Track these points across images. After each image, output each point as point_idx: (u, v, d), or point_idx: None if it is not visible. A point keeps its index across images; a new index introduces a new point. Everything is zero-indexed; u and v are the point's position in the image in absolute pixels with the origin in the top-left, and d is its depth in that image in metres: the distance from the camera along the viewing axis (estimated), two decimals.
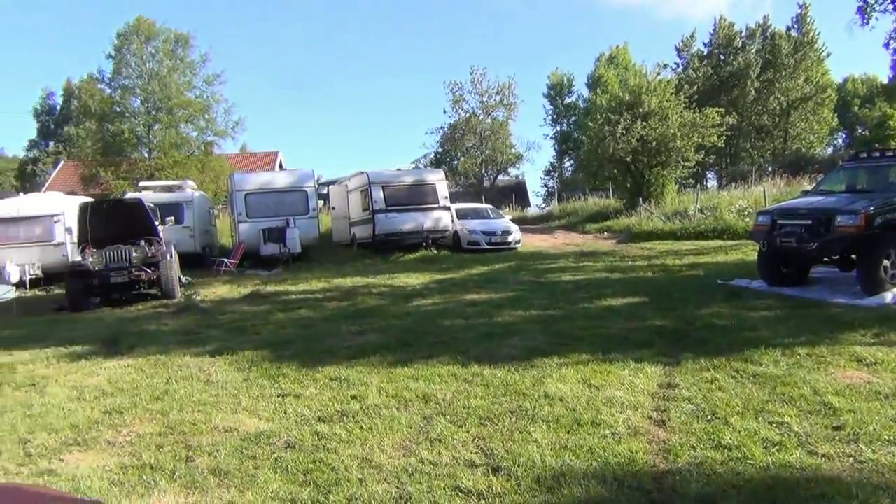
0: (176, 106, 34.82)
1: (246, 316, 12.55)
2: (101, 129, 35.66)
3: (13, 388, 8.62)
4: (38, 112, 74.95)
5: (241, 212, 21.20)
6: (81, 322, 13.08)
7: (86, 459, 5.95)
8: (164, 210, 19.45)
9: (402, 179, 22.78)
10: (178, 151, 35.22)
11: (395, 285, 15.41)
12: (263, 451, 5.77)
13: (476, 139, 49.50)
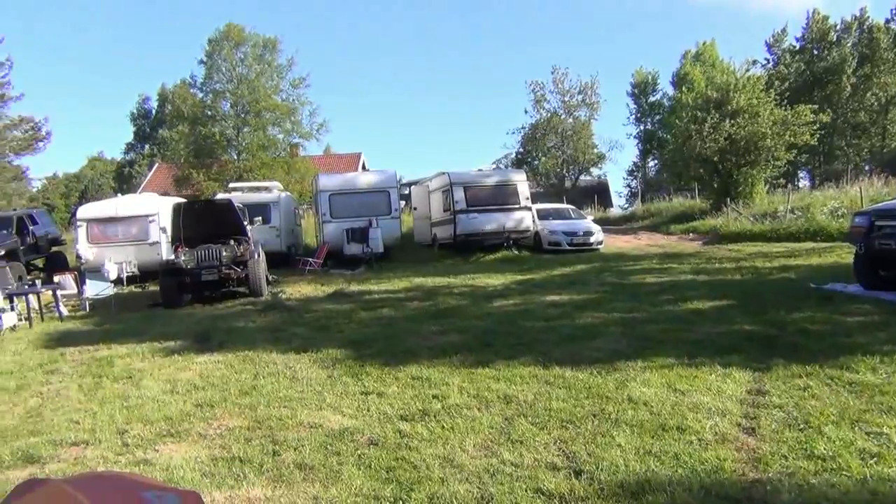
0: (264, 109, 35.79)
1: (330, 314, 12.79)
2: (193, 133, 37.00)
3: (111, 381, 9.03)
4: (134, 116, 78.25)
5: (325, 212, 21.62)
6: (174, 318, 13.59)
7: (179, 451, 6.18)
8: (253, 210, 20.03)
9: (484, 180, 22.80)
10: (265, 153, 36.19)
11: (476, 286, 15.44)
12: (347, 447, 5.87)
13: (558, 139, 49.08)
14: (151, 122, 74.72)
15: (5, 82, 37.57)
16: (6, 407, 8.35)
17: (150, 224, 19.11)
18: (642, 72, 62.96)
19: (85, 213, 19.95)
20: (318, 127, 37.77)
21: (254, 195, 23.05)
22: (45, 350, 11.47)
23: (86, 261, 18.51)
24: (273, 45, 36.60)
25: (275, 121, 36.74)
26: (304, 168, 36.75)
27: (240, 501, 4.97)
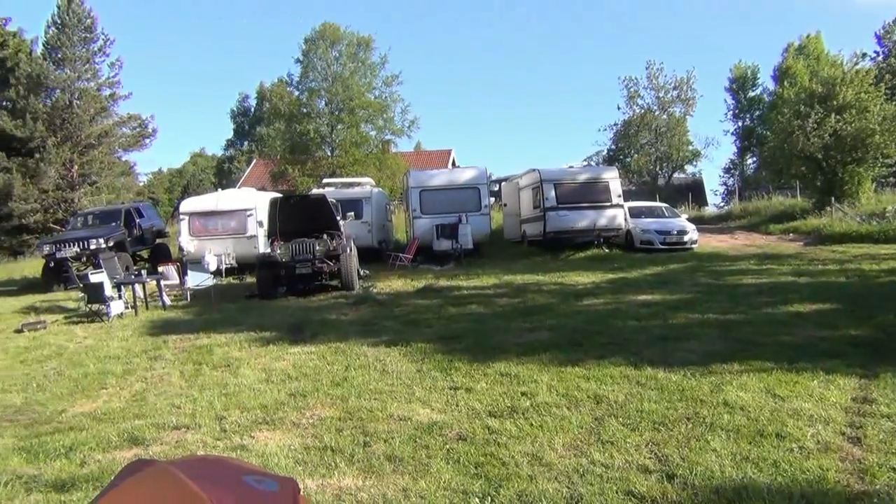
0: (357, 106, 36.39)
1: (419, 309, 12.90)
2: (289, 130, 37.96)
3: (210, 368, 9.38)
4: (234, 114, 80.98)
5: (416, 208, 21.82)
6: (269, 309, 13.99)
7: (274, 438, 6.36)
8: (345, 206, 20.41)
9: (575, 177, 22.53)
10: (358, 150, 36.79)
11: (566, 283, 15.28)
12: (436, 441, 5.92)
13: (651, 136, 47.98)
14: (250, 119, 77.09)
15: (116, 82, 39.53)
16: (114, 390, 8.79)
17: (247, 218, 19.73)
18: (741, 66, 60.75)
19: (187, 207, 20.78)
20: (409, 124, 38.16)
21: (347, 191, 23.48)
22: (150, 337, 12.00)
23: (187, 252, 19.28)
24: (367, 44, 37.15)
25: (367, 118, 37.29)
26: (396, 164, 37.19)
27: (331, 490, 5.08)
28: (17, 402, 8.63)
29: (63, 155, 36.53)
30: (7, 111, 36.57)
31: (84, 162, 38.15)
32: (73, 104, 37.14)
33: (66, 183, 37.32)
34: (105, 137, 38.99)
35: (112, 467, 5.85)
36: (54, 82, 37.00)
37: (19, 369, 10.61)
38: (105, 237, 19.53)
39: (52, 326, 13.87)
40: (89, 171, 38.75)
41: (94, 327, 13.48)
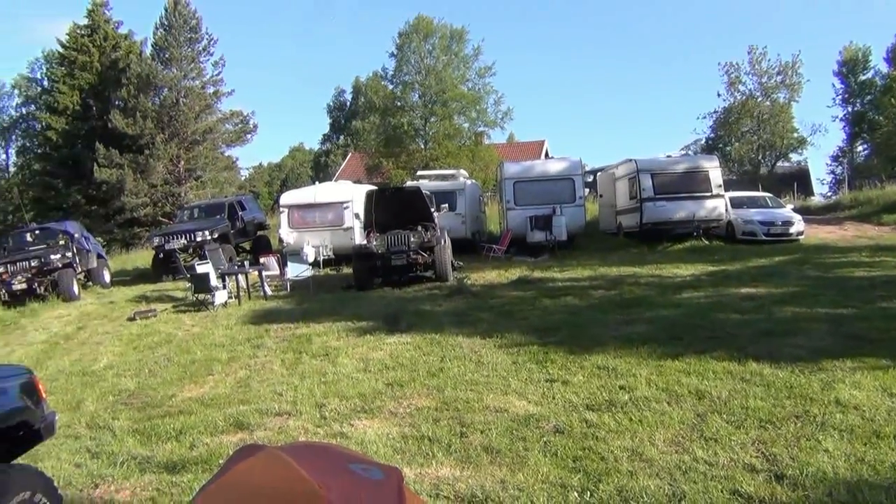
0: (450, 99, 36.55)
1: (513, 301, 12.86)
2: (384, 123, 38.49)
3: (310, 357, 9.62)
4: (331, 109, 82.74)
5: (509, 199, 21.72)
6: (366, 300, 14.23)
7: (372, 426, 6.47)
8: (439, 198, 20.51)
9: (673, 166, 21.93)
10: (451, 142, 36.97)
11: (664, 275, 14.92)
12: (533, 433, 5.88)
13: (753, 123, 46.24)
14: (346, 113, 78.58)
15: (219, 80, 40.99)
16: (219, 377, 9.13)
17: (344, 210, 20.10)
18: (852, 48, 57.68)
19: (287, 200, 21.36)
20: (502, 115, 38.08)
21: (440, 183, 23.60)
22: (252, 326, 12.41)
23: (287, 244, 19.82)
24: (460, 36, 37.24)
25: (461, 110, 37.41)
26: (489, 156, 37.15)
27: (429, 479, 5.12)
28: (131, 387, 9.09)
29: (170, 151, 38.18)
30: (119, 110, 38.46)
31: (190, 157, 39.76)
32: (180, 102, 38.73)
33: (173, 178, 39.00)
34: (209, 134, 40.52)
35: (219, 451, 6.08)
36: (162, 81, 38.67)
37: (132, 355, 11.17)
38: (210, 229, 20.30)
39: (161, 315, 14.54)
40: (194, 166, 40.35)
41: (200, 316, 14.05)
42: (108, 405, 8.32)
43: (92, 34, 43.57)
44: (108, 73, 41.90)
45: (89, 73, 42.59)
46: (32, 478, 4.00)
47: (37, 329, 14.66)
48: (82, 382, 9.64)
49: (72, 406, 8.31)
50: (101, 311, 16.05)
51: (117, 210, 38.25)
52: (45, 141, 44.80)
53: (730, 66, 46.27)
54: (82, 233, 21.23)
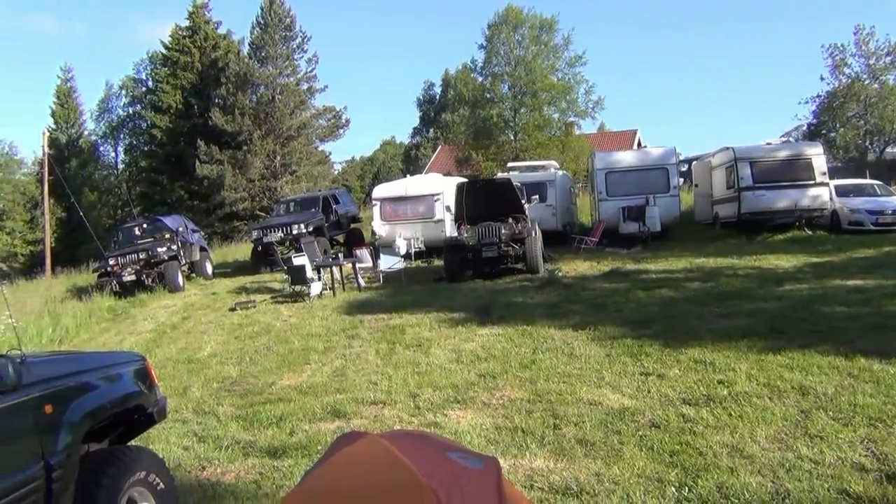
0: (540, 89, 36.21)
1: (606, 293, 12.68)
2: (473, 115, 38.49)
3: (403, 348, 9.77)
4: (420, 102, 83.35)
5: (601, 190, 21.40)
6: (457, 292, 14.31)
7: (465, 417, 6.53)
8: (530, 189, 20.40)
9: (773, 154, 21.09)
10: (540, 133, 36.66)
11: (763, 267, 14.40)
12: (628, 427, 5.81)
13: (859, 107, 43.91)
14: (436, 106, 79.00)
15: (313, 76, 41.91)
16: (316, 366, 9.39)
17: (435, 203, 20.24)
18: None
19: (379, 193, 21.67)
20: (593, 105, 37.48)
21: (531, 174, 23.46)
22: (347, 316, 12.68)
23: (379, 237, 20.12)
24: (550, 26, 36.82)
25: (550, 100, 37.01)
26: (579, 146, 36.64)
27: (523, 470, 5.14)
28: (234, 375, 9.46)
29: (267, 147, 39.32)
30: (219, 108, 39.90)
31: (285, 153, 40.86)
32: (276, 99, 39.83)
33: (269, 172, 40.17)
34: (303, 129, 41.52)
35: (318, 438, 6.26)
36: (259, 79, 39.85)
37: (234, 344, 11.61)
38: (306, 223, 20.82)
39: (260, 305, 15.04)
40: (290, 161, 41.43)
41: (297, 307, 14.45)
42: (212, 391, 8.69)
43: (193, 35, 45.35)
44: (208, 72, 43.53)
45: (191, 72, 44.36)
46: (147, 458, 4.23)
47: (145, 318, 15.43)
48: (188, 370, 10.10)
49: (179, 392, 8.72)
50: (204, 301, 16.74)
51: (218, 204, 39.74)
52: (151, 139, 47.02)
53: (834, 48, 44.05)
54: (186, 226, 22.17)
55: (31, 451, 3.35)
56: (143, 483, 4.04)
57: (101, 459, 3.90)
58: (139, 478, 4.02)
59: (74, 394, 3.79)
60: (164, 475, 4.27)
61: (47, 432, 3.47)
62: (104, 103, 63.59)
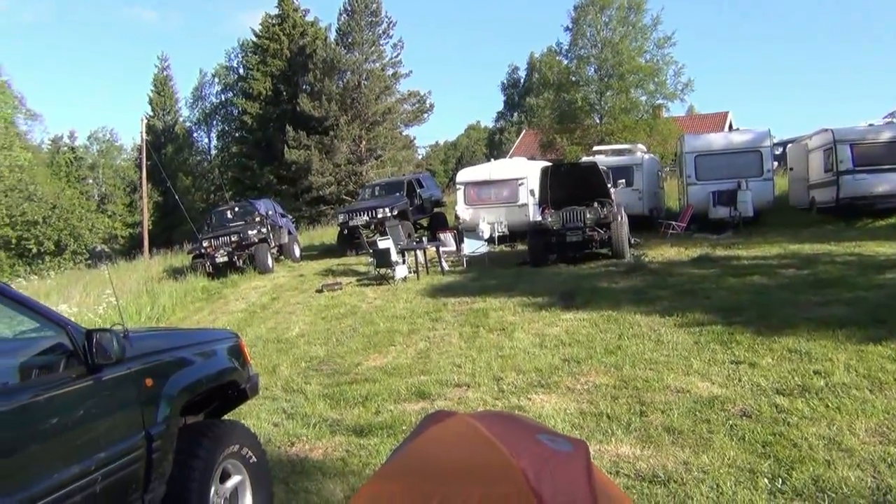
0: (627, 72, 35.43)
1: (695, 279, 12.36)
2: (558, 99, 38.03)
3: (487, 331, 9.79)
4: (505, 86, 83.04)
5: (690, 174, 20.82)
6: (540, 276, 14.22)
7: (549, 401, 6.50)
8: (616, 173, 20.02)
9: (876, 136, 20.03)
10: (627, 116, 35.93)
11: (863, 254, 13.73)
12: (717, 416, 5.67)
13: None
14: (520, 90, 78.54)
15: (398, 61, 42.23)
16: (401, 348, 9.52)
17: (519, 187, 20.13)
18: None
19: (463, 177, 21.70)
20: (682, 87, 36.43)
21: (617, 158, 23.03)
22: (431, 299, 12.78)
23: (463, 221, 20.17)
24: (638, 6, 35.90)
25: (638, 83, 36.17)
26: (668, 130, 35.72)
27: (608, 456, 5.08)
28: (321, 354, 9.68)
29: (353, 132, 39.90)
30: (307, 94, 40.73)
31: (370, 137, 41.37)
32: (362, 84, 40.33)
33: (355, 157, 40.78)
34: (389, 114, 41.92)
35: (403, 418, 6.34)
36: (345, 65, 40.41)
37: (321, 325, 11.88)
38: (390, 207, 21.05)
39: (346, 287, 15.32)
40: (375, 146, 41.95)
41: (382, 289, 14.66)
42: (300, 371, 8.93)
43: (282, 23, 46.37)
44: (296, 59, 44.45)
45: (280, 59, 45.41)
46: (240, 432, 4.38)
47: (237, 299, 15.95)
48: (277, 349, 10.40)
49: (269, 370, 8.98)
50: (292, 283, 17.17)
51: (305, 189, 40.65)
52: (242, 125, 48.46)
53: None
54: (276, 210, 22.75)
55: (134, 421, 3.51)
56: (236, 456, 4.19)
57: (197, 432, 4.05)
58: (233, 450, 4.16)
59: (173, 368, 3.94)
60: (256, 449, 4.41)
61: (148, 404, 3.62)
62: (198, 91, 65.95)
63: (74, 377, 3.21)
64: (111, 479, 3.25)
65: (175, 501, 3.69)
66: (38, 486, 2.84)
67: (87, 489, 3.10)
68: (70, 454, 3.08)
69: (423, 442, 2.22)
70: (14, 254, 34.52)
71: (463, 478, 2.02)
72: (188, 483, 3.75)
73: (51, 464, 2.97)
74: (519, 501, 1.93)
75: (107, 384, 3.36)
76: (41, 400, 3.03)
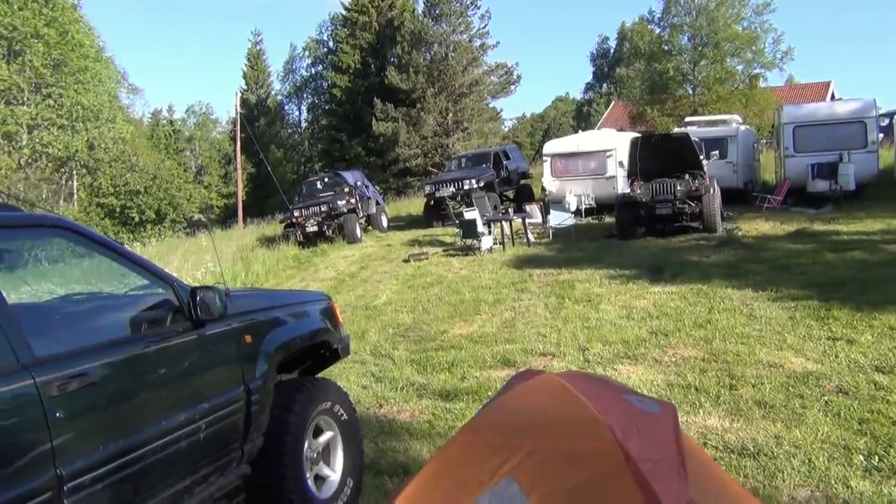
0: (722, 40, 34.20)
1: (790, 254, 11.96)
2: (649, 69, 37.08)
3: (572, 302, 9.75)
4: (594, 56, 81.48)
5: (788, 146, 20.01)
6: (628, 249, 14.02)
7: (636, 372, 6.46)
8: (709, 144, 19.44)
9: None
10: (722, 86, 34.73)
11: None
12: (811, 391, 5.53)
13: None
14: (609, 61, 76.95)
15: (485, 33, 41.89)
16: (486, 317, 9.60)
17: (607, 159, 19.81)
18: None
19: (550, 149, 21.50)
20: (782, 55, 34.92)
21: (710, 129, 22.32)
22: (516, 270, 12.80)
23: (549, 193, 20.02)
24: None
25: (734, 51, 34.87)
26: (764, 100, 34.35)
27: (696, 427, 5.03)
28: (408, 322, 9.86)
29: (440, 104, 39.98)
30: (394, 67, 41.00)
31: (457, 110, 41.36)
32: (449, 56, 40.26)
33: (442, 129, 40.90)
34: (475, 86, 41.74)
35: (488, 384, 6.43)
36: (433, 37, 40.40)
37: (408, 294, 12.08)
38: (477, 178, 21.08)
39: (432, 258, 15.50)
40: (461, 118, 41.92)
41: (467, 260, 14.76)
42: (388, 336, 9.13)
43: None
44: (384, 31, 44.73)
45: (368, 32, 45.77)
46: (333, 390, 4.54)
47: (326, 267, 16.37)
48: (366, 315, 10.64)
49: (358, 336, 9.21)
50: (379, 252, 17.47)
51: (392, 161, 41.09)
52: (331, 98, 49.22)
53: None
54: (364, 181, 23.13)
55: (234, 375, 3.69)
56: (328, 413, 4.34)
57: (292, 388, 4.22)
58: (325, 407, 4.32)
59: (270, 327, 4.11)
60: (347, 407, 4.56)
61: (247, 360, 3.80)
62: (289, 64, 67.20)
63: (180, 331, 3.40)
64: (213, 428, 3.44)
65: (271, 453, 3.87)
66: (148, 431, 3.03)
67: (192, 436, 3.29)
68: (176, 403, 3.28)
69: (512, 397, 2.28)
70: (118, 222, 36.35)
71: (551, 432, 2.06)
72: (283, 436, 3.92)
73: (159, 410, 3.17)
74: (606, 456, 1.96)
75: (210, 339, 3.54)
76: (150, 351, 3.22)
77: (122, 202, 36.73)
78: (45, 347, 2.73)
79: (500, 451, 2.08)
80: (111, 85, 42.15)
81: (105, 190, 37.73)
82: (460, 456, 2.20)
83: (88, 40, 38.93)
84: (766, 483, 4.15)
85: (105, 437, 2.82)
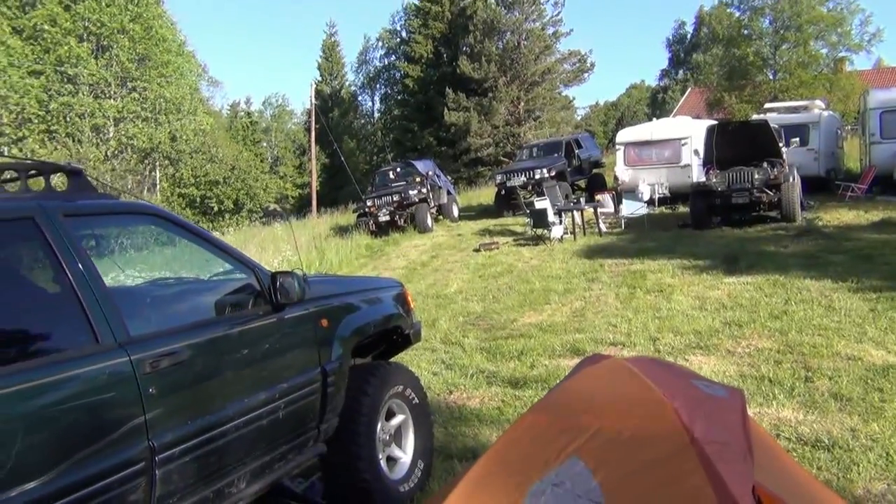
0: (806, 22, 33.02)
1: (874, 244, 11.54)
2: (727, 54, 36.12)
3: (644, 293, 9.67)
4: (670, 42, 79.66)
5: (874, 132, 19.23)
6: (702, 239, 13.78)
7: (708, 363, 6.40)
8: (789, 131, 18.87)
9: None
10: (804, 71, 33.56)
11: None
12: (892, 385, 5.39)
13: None
14: (686, 46, 75.18)
15: (558, 20, 41.46)
16: (556, 306, 9.60)
17: (682, 147, 19.44)
18: None
19: (623, 138, 21.21)
20: (870, 37, 33.50)
21: (791, 115, 21.62)
22: (587, 260, 12.74)
23: (622, 182, 19.76)
24: None
25: (818, 34, 33.62)
26: (850, 85, 33.00)
27: (769, 419, 4.97)
28: (478, 310, 9.95)
29: (511, 93, 39.85)
30: (466, 56, 41.02)
31: (529, 98, 41.15)
32: (521, 45, 40.06)
33: (513, 119, 40.76)
34: (548, 74, 41.43)
35: (557, 372, 6.46)
36: (505, 25, 40.25)
37: (478, 283, 12.17)
38: (548, 167, 20.97)
39: (503, 247, 15.55)
40: (533, 107, 41.69)
41: (538, 249, 14.76)
42: (458, 325, 9.23)
43: None
44: (456, 20, 44.77)
45: (441, 22, 45.92)
46: (405, 374, 4.67)
47: (398, 256, 16.60)
48: (436, 304, 10.77)
49: (428, 323, 9.34)
50: (450, 242, 17.62)
51: (463, 150, 41.18)
52: (404, 88, 49.65)
53: None
54: (435, 171, 23.29)
55: (311, 357, 3.84)
56: (400, 396, 4.47)
57: (366, 371, 4.36)
58: (398, 391, 4.45)
59: (345, 312, 4.25)
60: (418, 391, 4.68)
61: (324, 343, 3.94)
62: (363, 55, 68.09)
63: (261, 314, 3.57)
64: (292, 407, 3.59)
65: (346, 434, 4.01)
66: (231, 408, 3.21)
67: (272, 415, 3.46)
68: (257, 382, 3.45)
69: (580, 380, 2.33)
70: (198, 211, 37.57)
71: (616, 413, 2.11)
72: (358, 417, 4.06)
73: (241, 389, 3.34)
74: (671, 438, 2.00)
75: (288, 322, 3.70)
76: (234, 333, 3.40)
77: (202, 192, 37.97)
78: (138, 328, 2.93)
79: (567, 431, 2.14)
80: (192, 78, 43.50)
81: (186, 180, 39.07)
82: (528, 435, 2.27)
83: (171, 35, 40.28)
84: (840, 475, 4.09)
85: (192, 412, 3.01)
